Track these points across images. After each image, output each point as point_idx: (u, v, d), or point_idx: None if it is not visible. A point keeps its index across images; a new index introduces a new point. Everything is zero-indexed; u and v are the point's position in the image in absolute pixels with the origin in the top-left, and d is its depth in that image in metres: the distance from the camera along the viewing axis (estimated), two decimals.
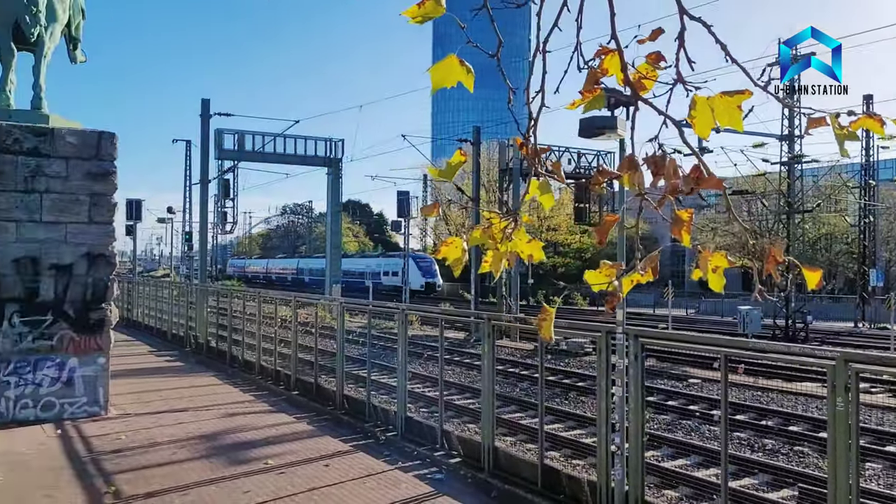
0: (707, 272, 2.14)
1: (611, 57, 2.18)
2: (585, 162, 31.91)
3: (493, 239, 2.41)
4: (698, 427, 13.23)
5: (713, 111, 1.99)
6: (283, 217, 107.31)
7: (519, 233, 2.42)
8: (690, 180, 2.05)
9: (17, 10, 11.69)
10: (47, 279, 11.42)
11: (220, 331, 20.08)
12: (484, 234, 2.42)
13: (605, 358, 7.38)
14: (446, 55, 2.25)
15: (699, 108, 2.00)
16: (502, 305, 29.66)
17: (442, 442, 10.03)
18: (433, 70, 2.23)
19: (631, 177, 2.09)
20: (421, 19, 2.21)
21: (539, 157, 2.38)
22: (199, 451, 9.75)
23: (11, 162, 11.30)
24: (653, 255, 2.19)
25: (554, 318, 2.38)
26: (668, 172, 1.98)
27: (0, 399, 10.95)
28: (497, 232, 2.41)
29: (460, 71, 2.23)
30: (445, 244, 2.43)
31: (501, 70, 2.35)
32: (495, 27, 2.34)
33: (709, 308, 46.42)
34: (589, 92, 2.23)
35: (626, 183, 2.12)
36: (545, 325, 2.33)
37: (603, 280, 2.23)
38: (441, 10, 2.18)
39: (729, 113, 1.99)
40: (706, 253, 2.15)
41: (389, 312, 17.57)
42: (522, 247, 2.44)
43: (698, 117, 2.01)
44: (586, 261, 61.31)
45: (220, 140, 34.42)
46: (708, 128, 2.02)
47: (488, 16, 2.27)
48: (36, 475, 8.47)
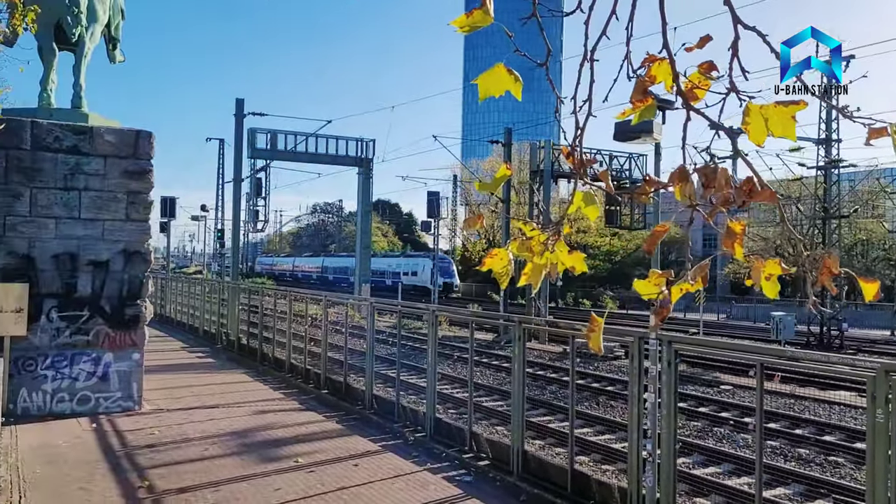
0: (760, 280, 2.11)
1: (658, 65, 2.16)
2: (617, 164, 31.66)
3: (531, 251, 2.39)
4: (730, 434, 13.05)
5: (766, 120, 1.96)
6: (314, 216, 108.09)
7: (560, 244, 2.40)
8: (743, 192, 2.02)
9: (60, 10, 11.91)
10: (85, 275, 11.63)
11: (251, 328, 20.27)
12: (522, 245, 2.40)
13: (637, 363, 7.32)
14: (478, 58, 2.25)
15: (752, 116, 1.97)
16: (531, 307, 29.55)
17: (471, 444, 10.02)
18: (481, 79, 2.23)
19: (682, 187, 2.07)
20: (469, 28, 2.21)
21: (585, 167, 2.36)
22: (230, 447, 9.86)
23: (52, 160, 11.52)
24: (703, 264, 2.17)
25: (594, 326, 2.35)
26: (720, 184, 1.95)
27: (37, 392, 11.18)
28: (536, 244, 2.39)
29: (508, 79, 2.23)
30: (490, 256, 2.41)
31: (550, 79, 2.34)
32: (544, 36, 2.33)
33: (740, 313, 45.80)
34: (639, 101, 2.21)
35: (678, 194, 2.09)
36: (594, 336, 2.31)
37: (653, 289, 2.20)
38: (489, 20, 2.18)
39: (783, 123, 1.96)
40: (758, 262, 2.11)
41: (419, 313, 17.63)
42: (564, 258, 2.41)
43: (752, 125, 1.98)
44: (616, 263, 60.89)
45: (253, 139, 34.81)
46: (762, 136, 1.99)
47: (537, 24, 2.27)
48: (72, 468, 8.62)
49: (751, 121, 1.96)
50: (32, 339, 11.18)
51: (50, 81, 12.39)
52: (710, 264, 2.09)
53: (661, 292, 2.12)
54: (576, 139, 2.22)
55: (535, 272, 2.40)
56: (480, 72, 2.24)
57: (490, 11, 2.16)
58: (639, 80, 2.17)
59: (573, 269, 2.41)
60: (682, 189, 2.02)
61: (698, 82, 2.03)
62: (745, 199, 2.02)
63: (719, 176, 1.95)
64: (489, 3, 2.17)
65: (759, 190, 1.99)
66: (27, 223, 11.35)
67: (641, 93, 2.19)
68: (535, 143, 32.45)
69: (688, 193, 2.01)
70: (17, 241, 11.28)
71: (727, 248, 2.10)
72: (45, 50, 12.31)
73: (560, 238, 2.39)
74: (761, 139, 1.97)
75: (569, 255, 2.41)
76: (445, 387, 16.14)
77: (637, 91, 2.19)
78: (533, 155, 31.92)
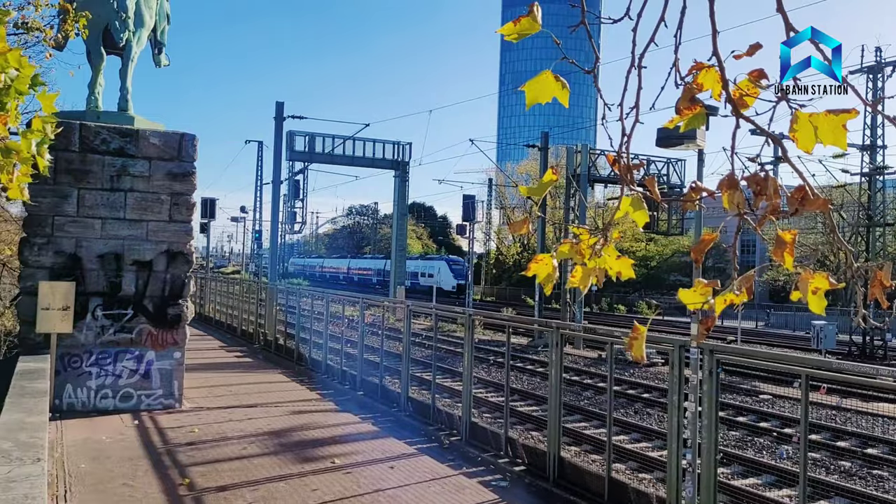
0: (807, 294, 2.08)
1: (706, 72, 2.15)
2: (655, 169, 31.36)
3: (580, 255, 2.39)
4: (770, 445, 12.84)
5: (816, 129, 1.94)
6: (349, 218, 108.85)
7: (608, 249, 2.40)
8: (794, 201, 2.01)
9: (108, 15, 12.18)
10: (129, 275, 11.87)
11: (289, 328, 20.49)
12: (572, 249, 2.40)
13: (677, 372, 7.24)
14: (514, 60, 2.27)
15: (801, 124, 1.95)
16: (566, 312, 29.40)
17: (506, 449, 10.00)
18: (529, 86, 2.24)
19: (731, 195, 2.05)
20: (517, 36, 2.22)
21: (632, 174, 2.36)
22: (268, 446, 9.97)
23: (99, 161, 11.79)
24: (749, 275, 2.15)
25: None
26: (770, 192, 1.94)
27: (82, 388, 11.44)
28: (585, 248, 2.39)
29: (555, 86, 2.24)
30: (536, 261, 2.42)
31: (598, 87, 2.34)
32: (592, 44, 2.34)
33: (779, 321, 44.99)
34: (687, 109, 2.20)
35: (726, 202, 2.08)
36: (636, 344, 2.30)
37: (698, 299, 2.19)
38: (537, 27, 2.19)
39: (833, 132, 1.93)
40: (806, 274, 2.09)
41: (454, 316, 17.65)
42: (612, 263, 2.41)
43: (800, 133, 1.96)
44: (652, 269, 60.26)
45: (292, 142, 35.22)
46: (810, 145, 1.97)
47: (585, 32, 2.27)
48: (115, 464, 8.80)
49: (799, 129, 1.94)
50: (78, 337, 11.44)
51: (97, 85, 12.67)
52: (755, 275, 2.07)
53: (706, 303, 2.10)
54: (622, 146, 2.22)
55: (584, 276, 2.40)
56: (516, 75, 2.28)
57: (538, 19, 2.17)
58: (686, 87, 2.17)
59: (620, 275, 2.42)
60: (730, 197, 2.01)
61: (747, 90, 2.03)
62: (798, 208, 2.00)
63: (769, 184, 1.94)
64: (537, 11, 2.18)
65: (812, 198, 1.97)
66: (74, 223, 11.63)
67: (689, 100, 2.18)
68: (572, 147, 32.30)
69: (736, 202, 2.00)
70: (64, 241, 11.56)
71: (777, 258, 2.08)
72: (94, 54, 12.59)
73: (609, 243, 2.39)
74: (810, 147, 1.95)
75: (617, 260, 2.41)
76: (480, 390, 16.14)
77: (685, 98, 2.18)
78: (569, 159, 31.77)
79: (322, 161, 37.23)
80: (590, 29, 2.37)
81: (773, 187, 2.04)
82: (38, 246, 11.44)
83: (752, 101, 2.12)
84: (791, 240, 2.08)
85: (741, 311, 33.68)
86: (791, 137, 2.00)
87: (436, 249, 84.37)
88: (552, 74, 2.24)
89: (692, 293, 2.20)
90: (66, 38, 10.11)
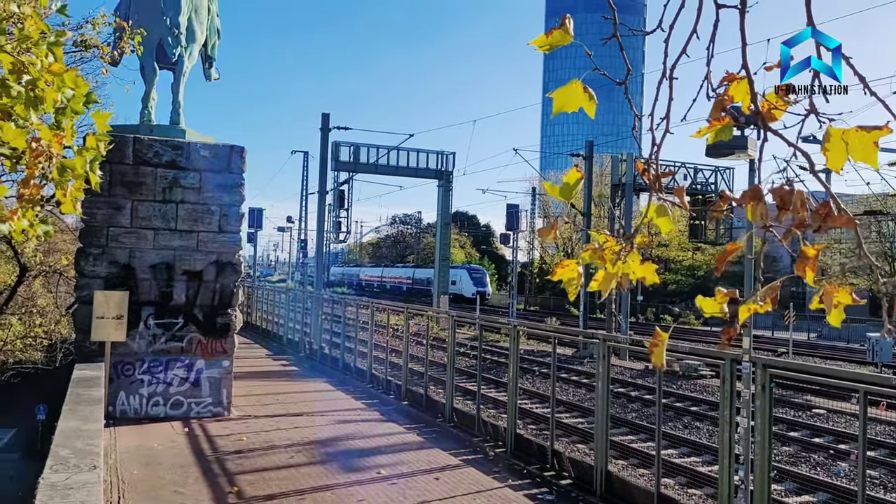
0: (829, 307, 2.05)
1: (737, 84, 2.13)
2: (703, 177, 30.87)
3: (603, 259, 2.37)
4: (825, 462, 12.47)
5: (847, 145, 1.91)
6: (393, 227, 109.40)
7: (632, 255, 2.38)
8: (819, 216, 1.97)
9: (161, 32, 12.50)
10: (180, 284, 12.12)
11: (334, 337, 20.65)
12: (594, 254, 2.39)
13: (729, 387, 7.09)
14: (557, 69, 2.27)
15: (833, 140, 1.92)
16: (611, 323, 29.05)
17: (552, 461, 9.91)
18: (556, 94, 2.24)
19: (754, 207, 2.03)
20: (549, 48, 2.23)
21: (660, 183, 2.34)
22: (314, 456, 10.05)
23: (151, 174, 12.08)
24: (774, 285, 2.11)
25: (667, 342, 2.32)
26: (796, 206, 1.90)
27: (135, 396, 11.69)
28: (609, 254, 2.37)
29: (583, 97, 2.24)
30: (561, 266, 2.41)
31: (629, 98, 2.34)
32: (625, 56, 2.33)
33: (832, 333, 43.73)
34: (717, 120, 2.19)
35: (750, 214, 2.05)
36: (657, 350, 2.28)
37: (716, 308, 2.16)
38: (568, 39, 2.20)
39: (864, 149, 1.89)
40: (830, 287, 2.05)
41: (498, 326, 17.60)
42: (635, 268, 2.39)
43: (831, 150, 1.93)
44: (699, 279, 59.23)
45: (337, 152, 35.60)
46: (841, 161, 1.93)
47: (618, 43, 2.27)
48: (166, 471, 8.97)
49: (830, 147, 1.91)
50: (131, 345, 11.70)
51: (151, 99, 13.00)
52: (780, 286, 2.04)
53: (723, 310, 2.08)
54: (651, 155, 2.21)
55: (606, 280, 2.38)
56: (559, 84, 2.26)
57: (569, 31, 2.17)
58: (717, 99, 2.16)
59: (644, 280, 2.39)
60: (753, 209, 1.98)
61: (775, 102, 2.00)
62: (822, 224, 1.96)
63: (794, 198, 1.90)
64: (569, 23, 2.18)
65: (836, 214, 1.93)
66: (128, 234, 11.92)
67: (719, 111, 2.17)
68: (617, 156, 31.99)
69: (760, 214, 1.97)
70: (118, 252, 11.86)
71: (799, 272, 2.05)
72: (147, 69, 12.93)
73: (633, 249, 2.37)
74: (840, 164, 1.92)
75: (640, 266, 2.38)
76: (525, 401, 16.03)
77: (715, 110, 2.17)
78: (614, 168, 31.47)
79: (367, 171, 37.55)
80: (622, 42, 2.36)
81: (799, 201, 2.01)
82: (94, 256, 11.75)
83: (780, 114, 2.10)
84: (814, 255, 2.04)
85: (793, 323, 32.90)
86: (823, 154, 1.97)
87: (479, 258, 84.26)
88: (581, 84, 2.24)
89: (711, 301, 2.19)
90: (121, 54, 10.40)
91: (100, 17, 10.51)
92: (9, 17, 2.95)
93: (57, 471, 4.85)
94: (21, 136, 2.72)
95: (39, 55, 2.75)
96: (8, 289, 20.14)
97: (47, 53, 2.80)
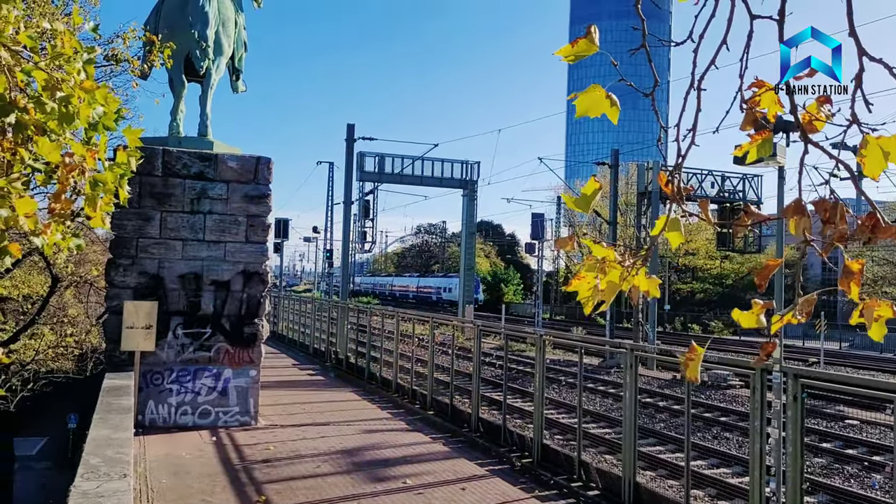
0: (870, 321, 2.01)
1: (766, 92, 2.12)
2: (730, 185, 30.56)
3: (603, 272, 2.34)
4: (858, 473, 12.23)
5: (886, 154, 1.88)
6: (418, 236, 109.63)
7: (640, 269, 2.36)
8: (864, 229, 1.94)
9: (189, 45, 12.68)
10: (207, 294, 12.24)
11: (359, 347, 20.70)
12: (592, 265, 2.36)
13: (759, 397, 6.99)
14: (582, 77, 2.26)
15: (870, 148, 1.90)
16: (638, 332, 28.82)
17: (579, 472, 9.82)
18: (579, 99, 2.23)
19: (797, 222, 2.00)
20: (573, 58, 2.22)
21: (682, 196, 2.31)
22: (340, 465, 10.07)
23: (180, 185, 12.24)
24: (810, 298, 2.09)
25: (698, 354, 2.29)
26: (838, 219, 1.87)
27: (163, 405, 11.81)
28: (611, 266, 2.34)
29: (605, 103, 2.23)
30: (577, 278, 2.38)
31: (655, 109, 2.32)
32: (653, 67, 2.32)
33: (864, 342, 42.95)
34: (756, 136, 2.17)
35: (792, 228, 2.02)
36: (692, 364, 2.25)
37: (752, 320, 2.14)
38: (594, 49, 2.19)
39: None
40: (871, 301, 2.02)
41: (524, 336, 17.54)
42: (640, 282, 2.36)
43: (868, 157, 1.91)
44: (727, 287, 58.55)
45: (362, 163, 35.82)
46: (878, 169, 1.91)
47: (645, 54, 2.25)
48: (194, 479, 9.03)
49: (867, 153, 1.89)
50: (160, 355, 11.83)
51: (179, 111, 13.18)
52: (816, 299, 2.01)
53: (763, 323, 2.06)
54: (675, 168, 2.18)
55: (609, 290, 2.36)
56: None
57: (595, 41, 2.16)
58: (748, 111, 2.14)
59: (647, 294, 2.36)
60: (796, 223, 1.95)
61: (816, 113, 1.97)
62: (870, 237, 1.93)
63: (837, 211, 1.87)
64: (594, 33, 2.17)
65: (883, 226, 1.90)
66: (157, 245, 12.08)
67: (751, 123, 2.15)
68: (643, 164, 31.79)
69: (802, 228, 1.94)
70: (147, 262, 12.02)
71: (843, 287, 2.01)
72: (176, 82, 13.12)
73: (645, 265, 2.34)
74: (877, 172, 1.90)
75: (645, 279, 2.35)
76: (551, 412, 15.93)
77: (746, 122, 2.15)
78: (640, 176, 31.28)
79: (392, 181, 37.73)
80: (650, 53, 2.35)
81: (841, 214, 1.98)
82: (124, 267, 11.92)
83: (821, 125, 2.07)
84: (859, 270, 2.01)
85: (824, 332, 32.37)
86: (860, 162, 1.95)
87: (503, 268, 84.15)
88: (602, 90, 2.23)
89: (748, 314, 2.16)
90: (150, 67, 10.58)
91: (130, 31, 10.70)
92: (42, 33, 3.01)
93: (88, 479, 4.91)
94: (56, 151, 2.77)
95: (72, 72, 2.81)
96: (40, 299, 20.49)
97: (80, 71, 2.85)
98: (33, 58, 2.74)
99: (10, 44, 2.70)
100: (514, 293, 75.21)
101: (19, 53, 2.73)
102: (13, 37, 2.74)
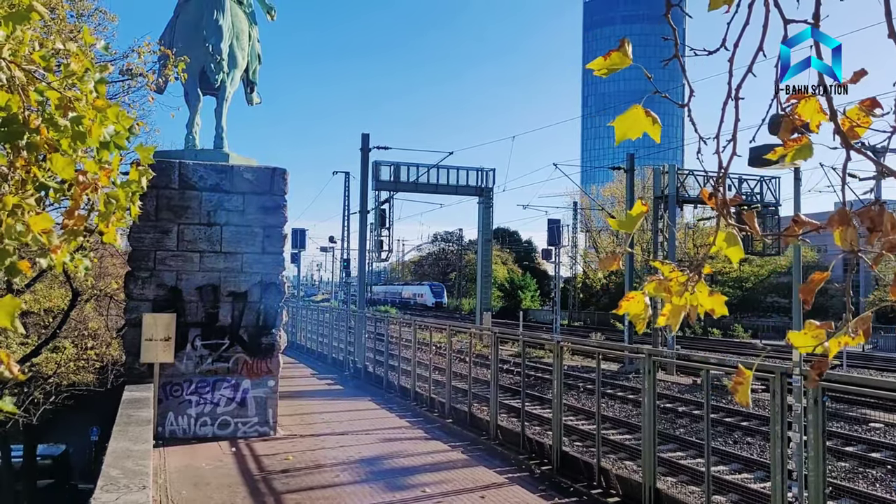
0: None
1: (805, 102, 2.07)
2: (748, 188, 30.33)
3: (668, 292, 2.30)
4: (883, 478, 12.06)
5: None
6: (434, 245, 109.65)
7: (700, 286, 2.31)
8: None
9: (204, 58, 12.81)
10: (225, 306, 12.32)
11: (377, 356, 20.73)
12: (659, 286, 2.32)
13: (779, 401, 6.91)
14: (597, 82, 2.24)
15: None
16: (657, 337, 28.62)
17: (599, 479, 9.77)
18: (618, 122, 2.20)
19: (843, 232, 1.95)
20: (606, 71, 2.19)
21: (728, 209, 2.27)
22: (360, 474, 10.07)
23: (196, 198, 12.34)
24: (865, 316, 2.02)
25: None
26: (887, 228, 1.83)
27: (183, 416, 11.88)
28: (675, 285, 2.30)
29: (646, 121, 2.19)
30: (626, 299, 2.34)
31: (692, 120, 2.29)
32: (686, 78, 2.30)
33: (888, 343, 42.38)
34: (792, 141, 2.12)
35: (838, 239, 1.97)
36: (742, 388, 2.18)
37: (809, 342, 2.07)
38: (627, 62, 2.16)
39: None
40: None
41: (541, 342, 17.48)
42: (703, 300, 2.31)
43: None
44: (746, 290, 58.05)
45: (378, 172, 35.94)
46: None
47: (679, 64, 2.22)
48: (214, 490, 9.07)
49: None
50: (179, 366, 11.91)
51: (195, 124, 13.31)
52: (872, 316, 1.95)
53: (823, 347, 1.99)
54: (718, 180, 2.14)
55: (675, 313, 2.31)
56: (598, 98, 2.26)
57: (628, 53, 2.13)
58: (786, 119, 2.09)
59: (713, 312, 2.31)
60: (842, 234, 1.90)
61: (858, 119, 1.93)
62: None
63: (885, 220, 1.83)
64: (627, 46, 2.15)
65: None
66: (175, 257, 12.18)
67: (789, 132, 2.10)
68: (659, 168, 31.64)
69: (849, 238, 1.89)
70: (165, 274, 12.12)
71: (894, 296, 1.96)
72: (191, 95, 13.25)
73: (700, 279, 2.30)
74: None
75: (709, 297, 2.31)
76: (570, 418, 15.85)
77: (785, 131, 2.10)
78: (656, 180, 31.13)
79: (407, 190, 37.82)
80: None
81: (890, 223, 1.93)
82: (142, 279, 12.02)
83: (862, 131, 2.03)
84: None
85: None
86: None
87: (520, 275, 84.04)
88: (643, 109, 2.19)
89: (804, 336, 2.09)
90: (166, 81, 10.70)
91: (145, 46, 10.85)
92: (55, 53, 3.05)
93: (108, 490, 4.95)
94: (70, 167, 2.80)
95: (84, 91, 2.84)
96: (61, 313, 20.71)
97: (91, 91, 2.88)
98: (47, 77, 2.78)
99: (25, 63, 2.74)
100: (532, 299, 75.02)
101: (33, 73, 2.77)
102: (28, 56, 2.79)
